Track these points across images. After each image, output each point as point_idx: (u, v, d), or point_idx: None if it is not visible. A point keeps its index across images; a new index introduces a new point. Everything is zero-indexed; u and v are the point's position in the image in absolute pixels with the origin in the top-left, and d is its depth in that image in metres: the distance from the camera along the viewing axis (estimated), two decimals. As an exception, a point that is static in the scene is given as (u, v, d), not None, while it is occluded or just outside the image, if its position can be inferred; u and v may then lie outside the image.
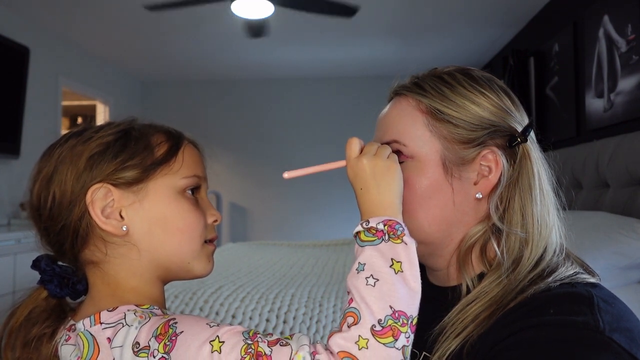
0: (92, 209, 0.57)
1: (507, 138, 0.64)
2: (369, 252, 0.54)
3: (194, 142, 0.67)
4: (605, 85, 2.53)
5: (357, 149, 0.62)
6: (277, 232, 5.47)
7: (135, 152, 0.59)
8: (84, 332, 0.54)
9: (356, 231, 0.56)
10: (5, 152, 3.28)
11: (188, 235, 0.61)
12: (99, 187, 0.58)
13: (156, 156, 0.60)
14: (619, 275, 1.52)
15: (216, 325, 0.52)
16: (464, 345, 0.56)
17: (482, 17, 3.66)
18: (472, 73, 0.67)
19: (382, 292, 0.51)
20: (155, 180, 0.60)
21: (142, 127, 0.63)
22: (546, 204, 0.64)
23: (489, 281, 0.60)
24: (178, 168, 0.61)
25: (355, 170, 0.61)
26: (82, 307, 0.61)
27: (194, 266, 0.62)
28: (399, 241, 0.54)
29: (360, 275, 0.52)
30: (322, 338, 1.85)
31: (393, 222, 0.55)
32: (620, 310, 0.54)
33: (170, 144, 0.62)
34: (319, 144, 5.44)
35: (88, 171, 0.58)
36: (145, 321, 0.53)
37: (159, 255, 0.60)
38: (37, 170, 0.60)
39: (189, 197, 0.62)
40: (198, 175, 0.64)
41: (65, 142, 0.60)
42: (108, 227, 0.58)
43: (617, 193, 1.99)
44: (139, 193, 0.59)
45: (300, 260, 3.01)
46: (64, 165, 0.58)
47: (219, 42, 4.23)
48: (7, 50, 3.27)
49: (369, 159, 0.60)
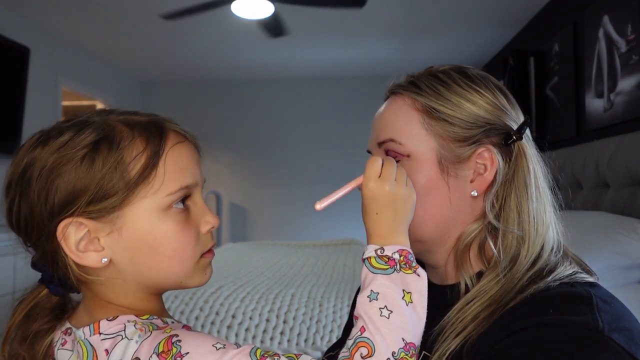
0: (65, 245, 0.52)
1: (503, 136, 0.64)
2: (382, 281, 0.54)
3: (183, 136, 0.58)
4: (605, 85, 2.53)
5: (379, 170, 0.61)
6: (277, 232, 5.47)
7: (105, 175, 0.51)
8: (84, 340, 0.52)
9: (367, 256, 0.56)
10: (5, 152, 3.28)
11: (177, 259, 0.55)
12: (69, 222, 0.51)
13: (131, 176, 0.52)
14: (619, 275, 1.52)
15: (223, 347, 0.49)
16: (464, 344, 0.56)
17: (482, 17, 3.66)
18: (467, 71, 0.67)
19: (396, 324, 0.51)
20: (132, 204, 0.52)
21: (114, 133, 0.53)
22: (542, 201, 0.64)
23: (488, 280, 0.60)
24: (159, 185, 0.53)
25: (375, 194, 0.59)
26: (77, 311, 0.59)
27: (188, 282, 0.58)
28: (410, 272, 0.55)
29: (373, 304, 0.52)
30: (321, 338, 1.85)
31: (406, 252, 0.56)
32: (619, 310, 0.54)
33: (148, 155, 0.53)
34: (319, 144, 5.45)
35: (56, 198, 0.51)
36: (146, 335, 0.51)
37: (147, 280, 0.55)
38: (6, 187, 0.55)
39: (177, 213, 0.55)
40: (187, 186, 0.55)
41: (32, 150, 0.53)
42: (86, 262, 0.52)
43: (617, 193, 1.99)
44: (116, 221, 0.52)
45: (300, 260, 3.01)
46: (30, 188, 0.52)
47: (219, 42, 4.23)
48: (7, 50, 3.27)
49: (391, 186, 0.59)
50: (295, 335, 1.86)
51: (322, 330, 1.87)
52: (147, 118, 0.57)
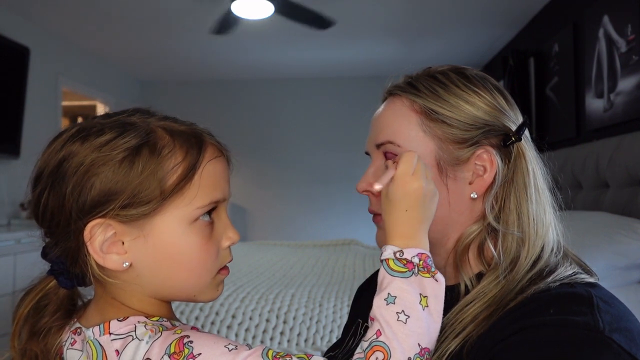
0: (90, 245, 0.52)
1: (502, 137, 0.64)
2: (399, 284, 0.53)
3: (219, 150, 0.58)
4: (605, 86, 2.53)
5: (413, 166, 0.59)
6: (277, 233, 5.47)
7: (143, 182, 0.51)
8: (93, 340, 0.52)
9: (385, 257, 0.56)
10: (5, 152, 3.28)
11: (196, 272, 0.55)
12: (99, 222, 0.51)
13: (167, 185, 0.52)
14: (619, 275, 1.52)
15: (235, 349, 0.49)
16: (463, 345, 0.56)
17: (482, 18, 3.66)
18: (466, 72, 0.67)
19: (412, 329, 0.51)
20: (164, 213, 0.53)
21: (156, 139, 0.53)
22: (542, 202, 0.63)
23: (488, 281, 0.60)
24: (192, 197, 0.53)
25: (408, 190, 0.57)
26: (88, 310, 0.58)
27: (200, 297, 0.58)
28: (428, 275, 0.55)
29: (390, 308, 0.52)
30: (321, 338, 1.85)
31: (426, 256, 0.56)
32: (620, 310, 0.54)
33: (186, 166, 0.53)
34: (319, 144, 5.45)
35: (89, 197, 0.51)
36: (157, 336, 0.51)
37: (162, 289, 0.56)
38: (37, 176, 0.54)
39: (203, 226, 0.55)
40: (216, 201, 0.56)
41: (71, 144, 0.53)
42: (108, 264, 0.52)
43: (617, 193, 1.98)
44: (144, 227, 0.53)
45: (300, 260, 3.01)
46: (63, 182, 0.52)
47: (219, 42, 4.22)
48: (7, 50, 3.27)
49: (426, 183, 0.58)
50: (295, 335, 1.86)
51: (322, 330, 1.87)
52: (188, 128, 0.57)
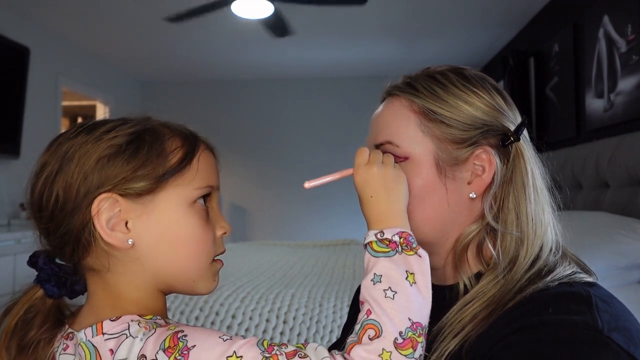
0: (97, 220, 0.54)
1: (500, 137, 0.64)
2: (384, 263, 0.54)
3: (210, 146, 0.63)
4: (605, 86, 2.53)
5: (367, 158, 0.63)
6: (277, 232, 5.47)
7: (147, 159, 0.55)
8: (86, 342, 0.52)
9: (368, 241, 0.56)
10: (5, 152, 3.28)
11: (196, 252, 0.58)
12: (107, 197, 0.54)
13: (170, 164, 0.56)
14: (619, 275, 1.52)
15: (229, 339, 0.50)
16: (462, 345, 0.56)
17: (482, 18, 3.67)
18: (464, 72, 0.67)
19: (401, 304, 0.51)
20: (166, 190, 0.56)
21: (156, 128, 0.58)
22: (540, 202, 0.63)
23: (487, 281, 0.60)
24: (192, 178, 0.57)
25: (365, 177, 0.61)
26: (80, 315, 0.58)
27: (198, 284, 0.59)
28: (411, 253, 0.55)
29: (377, 286, 0.52)
30: (321, 338, 1.85)
31: (406, 234, 0.56)
32: (619, 309, 0.54)
33: (185, 151, 0.58)
34: (319, 144, 5.45)
35: (96, 176, 0.54)
36: (151, 333, 0.51)
37: (163, 271, 0.57)
38: (41, 166, 0.56)
39: (200, 209, 0.58)
40: (212, 185, 0.60)
41: (75, 137, 0.56)
42: (113, 240, 0.54)
43: (617, 193, 1.99)
44: (148, 205, 0.55)
45: (300, 260, 3.00)
46: (70, 164, 0.54)
47: (219, 42, 4.23)
48: (7, 50, 3.27)
49: (379, 167, 0.61)
50: (295, 335, 1.86)
51: (322, 331, 1.87)
52: (182, 126, 0.63)
